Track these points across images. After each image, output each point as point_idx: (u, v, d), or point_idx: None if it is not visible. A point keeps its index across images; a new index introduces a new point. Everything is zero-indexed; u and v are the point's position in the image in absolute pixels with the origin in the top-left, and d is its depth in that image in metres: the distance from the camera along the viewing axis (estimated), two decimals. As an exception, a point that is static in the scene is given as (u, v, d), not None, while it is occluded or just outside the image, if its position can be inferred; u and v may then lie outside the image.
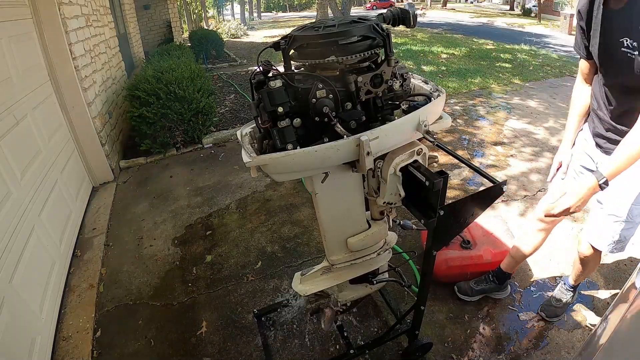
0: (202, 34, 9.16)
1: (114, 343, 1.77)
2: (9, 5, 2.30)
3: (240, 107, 5.13)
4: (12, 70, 2.19)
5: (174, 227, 2.61)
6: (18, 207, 1.87)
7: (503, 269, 1.77)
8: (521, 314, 1.78)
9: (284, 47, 0.93)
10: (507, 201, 2.65)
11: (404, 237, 2.30)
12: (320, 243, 2.29)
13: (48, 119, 2.59)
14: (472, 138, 3.73)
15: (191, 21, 16.29)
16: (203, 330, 1.79)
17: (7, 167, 1.89)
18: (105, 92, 3.65)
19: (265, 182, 3.08)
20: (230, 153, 3.74)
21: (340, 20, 0.95)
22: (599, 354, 0.79)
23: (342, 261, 1.26)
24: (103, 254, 2.37)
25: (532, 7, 23.05)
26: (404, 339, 1.61)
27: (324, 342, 1.68)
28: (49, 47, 2.72)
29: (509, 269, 1.76)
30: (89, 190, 3.10)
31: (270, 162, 0.89)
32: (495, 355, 1.60)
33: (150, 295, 2.03)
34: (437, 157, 1.15)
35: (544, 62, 7.32)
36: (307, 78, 0.95)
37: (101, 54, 3.82)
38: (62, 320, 1.89)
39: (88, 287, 2.10)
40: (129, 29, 6.91)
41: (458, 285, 1.85)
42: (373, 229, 1.23)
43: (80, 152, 3.05)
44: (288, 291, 1.96)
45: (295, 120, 0.94)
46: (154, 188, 3.17)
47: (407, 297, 1.88)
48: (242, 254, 2.28)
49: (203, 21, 19.66)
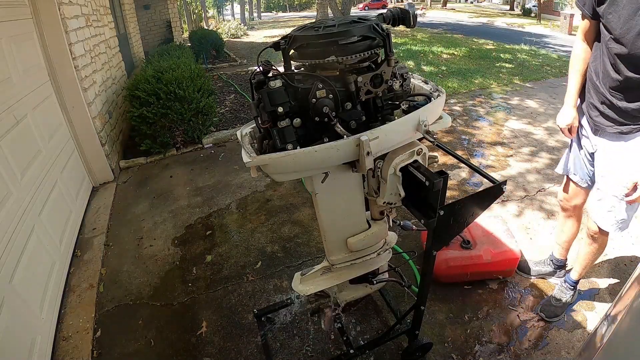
0: (202, 34, 9.16)
1: (114, 343, 1.77)
2: (9, 5, 2.30)
3: (240, 107, 5.13)
4: (12, 70, 2.19)
5: (174, 227, 2.61)
6: (18, 207, 1.87)
7: (557, 257, 1.93)
8: (521, 314, 1.78)
9: (284, 47, 0.93)
10: (506, 201, 2.65)
11: (404, 237, 2.30)
12: (320, 243, 2.29)
13: (48, 119, 2.59)
14: (471, 138, 3.73)
15: (191, 21, 16.29)
16: (203, 330, 1.79)
17: (7, 167, 1.89)
18: (105, 92, 3.65)
19: (265, 182, 3.08)
20: (230, 153, 3.74)
21: (340, 20, 0.96)
22: (599, 354, 0.79)
23: (342, 261, 1.26)
24: (103, 254, 2.37)
25: (532, 7, 23.05)
26: (404, 339, 1.61)
27: (324, 342, 1.68)
28: (49, 47, 2.72)
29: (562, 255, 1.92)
30: (89, 190, 3.10)
31: (270, 162, 0.89)
32: (495, 355, 1.60)
33: (150, 295, 2.03)
34: (437, 157, 1.15)
35: (543, 62, 7.32)
36: (307, 78, 0.95)
37: (101, 54, 3.82)
38: (62, 320, 1.89)
39: (88, 287, 2.10)
40: (129, 29, 6.91)
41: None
42: (373, 229, 1.23)
43: (80, 152, 3.05)
44: (288, 291, 1.96)
45: (295, 120, 0.94)
46: (154, 188, 3.17)
47: (407, 297, 1.88)
48: (242, 254, 2.28)
49: (203, 21, 19.67)
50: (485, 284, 1.93)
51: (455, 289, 1.90)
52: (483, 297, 1.86)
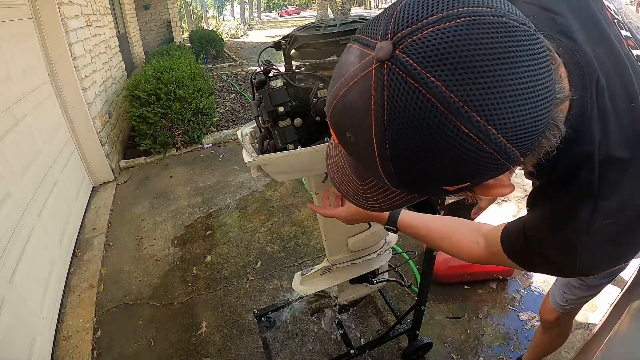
0: (202, 34, 9.17)
1: (114, 343, 1.77)
2: (9, 5, 2.30)
3: (240, 107, 5.13)
4: (12, 70, 2.19)
5: (173, 227, 2.61)
6: (18, 207, 1.87)
7: None
8: (521, 314, 1.78)
9: (285, 47, 0.93)
10: (506, 201, 2.65)
11: (404, 237, 2.30)
12: (320, 243, 2.29)
13: (48, 119, 2.59)
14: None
15: (191, 21, 16.29)
16: (203, 330, 1.79)
17: (7, 167, 1.89)
18: (105, 92, 3.65)
19: (265, 182, 3.08)
20: (230, 153, 3.73)
21: (341, 20, 0.96)
22: (599, 354, 0.79)
23: (342, 261, 1.26)
24: (103, 254, 2.37)
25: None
26: (404, 339, 1.61)
27: (324, 342, 1.68)
28: (49, 47, 2.72)
29: None
30: (89, 190, 3.10)
31: (271, 161, 0.89)
32: (495, 355, 1.60)
33: (150, 295, 2.03)
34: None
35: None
36: (308, 78, 0.95)
37: (101, 54, 3.82)
38: (62, 320, 1.89)
39: (88, 287, 2.10)
40: (129, 29, 6.91)
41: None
42: (373, 229, 1.23)
43: (80, 152, 3.05)
44: (288, 291, 1.96)
45: (296, 120, 0.94)
46: (154, 188, 3.17)
47: (407, 297, 1.88)
48: (242, 254, 2.28)
49: (203, 21, 19.66)
50: (485, 284, 1.93)
51: (455, 289, 1.90)
52: (483, 297, 1.86)
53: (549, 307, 1.18)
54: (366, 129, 0.34)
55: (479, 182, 0.37)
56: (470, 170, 0.33)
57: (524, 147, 0.33)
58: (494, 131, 0.30)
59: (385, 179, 0.37)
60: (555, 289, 1.15)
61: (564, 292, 1.10)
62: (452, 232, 0.74)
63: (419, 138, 0.31)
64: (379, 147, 0.34)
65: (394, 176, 0.36)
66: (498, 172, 0.35)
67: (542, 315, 1.25)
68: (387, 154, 0.34)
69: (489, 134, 0.30)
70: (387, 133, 0.33)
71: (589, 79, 0.44)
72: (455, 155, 0.31)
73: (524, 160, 0.39)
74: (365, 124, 0.34)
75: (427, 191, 0.40)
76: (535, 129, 0.33)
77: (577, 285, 1.06)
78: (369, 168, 0.38)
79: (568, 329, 1.29)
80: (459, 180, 0.35)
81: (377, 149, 0.34)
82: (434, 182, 0.36)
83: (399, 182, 0.37)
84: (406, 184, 0.38)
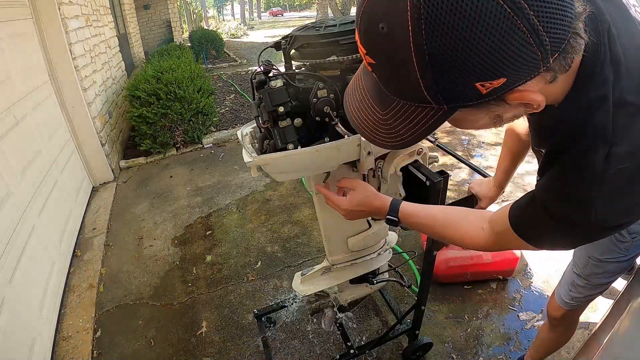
0: (202, 34, 9.17)
1: (114, 343, 1.77)
2: (9, 5, 2.30)
3: (240, 107, 5.13)
4: (12, 70, 2.19)
5: (174, 227, 2.61)
6: (18, 207, 1.87)
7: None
8: (521, 314, 1.78)
9: (285, 47, 0.93)
10: (505, 201, 2.65)
11: (404, 237, 2.30)
12: (320, 243, 2.29)
13: (48, 118, 2.59)
14: (472, 139, 3.73)
15: (191, 21, 16.28)
16: (203, 330, 1.79)
17: (7, 167, 1.89)
18: (105, 92, 3.65)
19: (265, 182, 3.08)
20: (230, 153, 3.74)
21: (341, 20, 0.95)
22: (599, 354, 0.79)
23: (343, 261, 1.26)
24: (103, 254, 2.37)
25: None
26: (404, 339, 1.61)
27: (324, 342, 1.68)
28: (49, 47, 2.72)
29: None
30: (89, 190, 3.10)
31: (271, 161, 0.89)
32: (495, 355, 1.60)
33: (150, 295, 2.03)
34: (437, 157, 1.15)
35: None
36: (308, 78, 0.95)
37: (101, 54, 3.82)
38: (62, 320, 1.89)
39: (88, 287, 2.10)
40: (129, 29, 6.91)
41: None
42: (373, 229, 1.23)
43: (80, 152, 3.04)
44: (288, 291, 1.96)
45: (296, 120, 0.94)
46: (154, 188, 3.17)
47: (407, 297, 1.88)
48: (242, 254, 2.28)
49: (203, 21, 19.66)
50: (486, 284, 1.93)
51: (455, 289, 1.90)
52: (483, 297, 1.86)
53: (555, 304, 1.18)
54: (401, 12, 0.33)
55: (514, 82, 0.37)
56: (507, 55, 0.33)
57: (555, 37, 0.34)
58: (525, 6, 0.31)
59: (417, 73, 0.36)
60: (561, 287, 1.15)
61: (569, 289, 1.11)
62: (456, 219, 0.73)
63: (459, 12, 0.31)
64: (414, 33, 0.33)
65: (429, 69, 0.35)
66: (531, 66, 0.35)
67: (549, 311, 1.25)
68: (422, 41, 0.33)
69: (522, 8, 0.31)
70: (423, 12, 0.32)
71: (601, 26, 0.45)
72: (492, 31, 0.32)
73: (552, 65, 0.38)
74: (400, 7, 0.33)
75: (460, 93, 0.38)
76: (563, 19, 0.34)
77: (582, 284, 1.06)
78: (402, 66, 0.37)
79: (574, 326, 1.30)
80: (496, 72, 0.35)
81: (412, 36, 0.33)
82: (470, 76, 0.35)
83: (432, 77, 0.36)
84: (438, 81, 0.36)
